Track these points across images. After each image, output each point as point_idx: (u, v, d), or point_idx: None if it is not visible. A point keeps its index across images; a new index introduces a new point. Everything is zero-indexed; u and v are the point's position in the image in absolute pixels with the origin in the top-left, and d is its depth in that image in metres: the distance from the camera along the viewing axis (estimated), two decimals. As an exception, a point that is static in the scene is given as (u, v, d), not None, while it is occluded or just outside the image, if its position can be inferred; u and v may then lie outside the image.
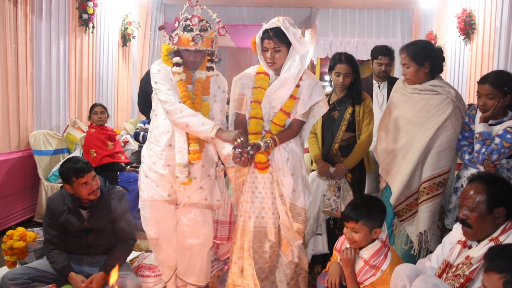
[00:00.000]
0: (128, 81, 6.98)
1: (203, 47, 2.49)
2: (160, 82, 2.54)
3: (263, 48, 2.62)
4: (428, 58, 2.76)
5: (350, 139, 3.16)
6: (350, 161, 3.09)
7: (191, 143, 2.54)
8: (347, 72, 3.09)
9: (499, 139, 2.51)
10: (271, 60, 2.60)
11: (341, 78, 3.10)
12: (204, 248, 2.77)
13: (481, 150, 2.56)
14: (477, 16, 5.59)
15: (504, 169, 2.57)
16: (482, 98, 2.59)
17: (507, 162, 2.56)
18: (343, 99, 3.18)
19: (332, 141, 3.17)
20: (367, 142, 3.14)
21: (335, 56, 3.17)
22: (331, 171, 3.08)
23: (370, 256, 2.35)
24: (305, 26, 8.57)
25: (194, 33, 2.46)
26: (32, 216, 4.45)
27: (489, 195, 1.96)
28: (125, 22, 6.48)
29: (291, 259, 2.73)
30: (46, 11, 4.57)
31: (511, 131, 2.49)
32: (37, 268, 2.76)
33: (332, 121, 3.18)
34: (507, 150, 2.49)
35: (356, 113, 3.13)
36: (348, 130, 3.15)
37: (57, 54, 4.82)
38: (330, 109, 3.09)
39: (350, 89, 3.16)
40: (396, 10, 8.35)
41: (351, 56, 3.15)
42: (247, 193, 2.72)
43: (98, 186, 2.80)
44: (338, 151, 3.15)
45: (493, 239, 1.97)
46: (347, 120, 3.14)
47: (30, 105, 4.40)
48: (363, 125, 3.14)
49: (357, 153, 3.11)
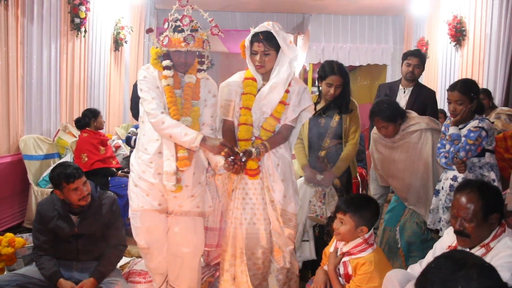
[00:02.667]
0: (120, 86, 6.95)
1: (194, 48, 2.45)
2: (145, 90, 2.49)
3: (252, 51, 2.62)
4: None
5: (336, 146, 3.14)
6: (338, 169, 3.08)
7: (179, 149, 2.49)
8: (339, 84, 3.04)
9: (465, 138, 2.72)
10: (260, 63, 2.60)
11: (332, 89, 3.05)
12: (195, 255, 2.73)
13: (450, 149, 2.76)
14: (467, 23, 5.64)
15: (476, 167, 2.75)
16: (452, 104, 2.82)
17: (478, 160, 2.75)
18: (329, 106, 3.15)
19: (319, 148, 3.14)
20: (354, 150, 3.14)
21: (327, 66, 3.09)
22: (319, 178, 3.06)
23: (348, 250, 2.40)
24: (298, 31, 8.62)
25: (186, 34, 2.42)
26: (22, 221, 4.41)
27: (484, 204, 1.97)
28: (118, 26, 6.46)
29: (283, 264, 2.72)
30: (38, 15, 4.55)
31: (474, 130, 2.70)
32: (25, 275, 2.71)
33: (319, 128, 3.15)
34: (473, 147, 2.69)
35: (343, 120, 3.11)
36: (334, 137, 3.13)
37: (49, 58, 4.79)
38: (316, 116, 3.09)
39: (338, 98, 3.10)
40: (388, 17, 8.42)
41: (342, 67, 3.10)
42: (237, 199, 2.70)
43: (89, 192, 2.77)
44: (325, 158, 3.13)
45: (485, 245, 1.98)
46: (334, 127, 3.11)
47: (21, 109, 4.37)
48: (350, 132, 3.12)
49: (345, 160, 3.10)
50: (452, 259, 1.38)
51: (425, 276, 1.39)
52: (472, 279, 1.30)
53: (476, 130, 2.69)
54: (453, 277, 1.32)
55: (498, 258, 1.88)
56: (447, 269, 1.34)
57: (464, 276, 1.31)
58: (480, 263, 1.35)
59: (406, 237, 3.13)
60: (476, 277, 1.30)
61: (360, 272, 2.33)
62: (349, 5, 7.75)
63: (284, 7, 8.15)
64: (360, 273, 2.33)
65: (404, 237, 3.12)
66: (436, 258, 1.45)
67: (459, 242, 2.06)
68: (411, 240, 3.10)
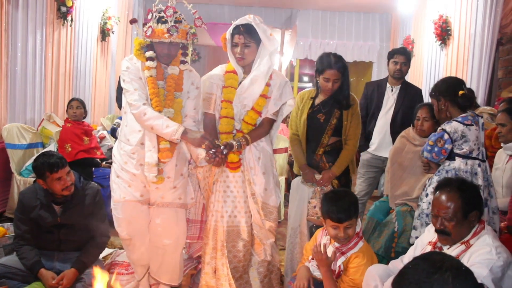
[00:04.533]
0: (106, 76, 6.89)
1: (178, 39, 2.44)
2: (127, 81, 2.50)
3: (233, 44, 2.64)
4: None
5: (336, 143, 3.02)
6: (338, 168, 2.97)
7: (161, 141, 2.50)
8: (337, 78, 2.88)
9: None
10: (240, 55, 2.62)
11: (330, 84, 2.89)
12: (177, 247, 2.75)
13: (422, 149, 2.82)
14: (453, 22, 5.71)
15: (443, 170, 2.69)
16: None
17: (448, 164, 2.68)
18: (328, 101, 3.00)
19: (317, 145, 3.02)
20: (355, 147, 3.03)
21: (325, 59, 2.92)
22: (317, 178, 2.97)
23: (342, 244, 2.40)
24: (286, 27, 8.61)
25: (169, 25, 2.41)
26: (3, 211, 4.36)
27: (463, 202, 2.01)
28: (105, 16, 6.39)
29: (263, 257, 2.75)
30: (23, 2, 4.47)
31: (438, 132, 2.69)
32: (5, 265, 2.69)
33: (318, 124, 3.01)
34: (436, 148, 2.66)
35: (343, 116, 2.98)
36: (334, 134, 3.00)
37: (34, 46, 4.72)
38: (314, 111, 3.03)
39: (337, 92, 2.96)
40: (376, 14, 8.47)
41: (341, 60, 2.92)
42: (218, 192, 2.72)
43: (72, 182, 2.76)
44: (323, 156, 3.02)
45: (464, 242, 2.03)
46: (333, 124, 2.98)
47: (4, 98, 4.31)
48: (351, 130, 2.99)
49: (345, 159, 2.99)
50: (429, 261, 1.38)
51: (402, 277, 1.40)
52: (447, 282, 1.31)
53: (439, 132, 2.67)
54: (429, 280, 1.33)
55: (478, 255, 1.93)
56: (423, 271, 1.35)
57: (439, 280, 1.31)
58: (457, 267, 1.36)
59: (403, 223, 3.11)
60: (451, 281, 1.31)
61: (353, 265, 2.35)
62: (337, 1, 7.78)
63: (272, 1, 8.16)
64: (353, 266, 2.35)
65: (401, 223, 3.11)
66: (414, 259, 1.46)
67: (441, 240, 2.10)
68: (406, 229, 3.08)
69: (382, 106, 3.96)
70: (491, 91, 5.38)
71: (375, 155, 3.97)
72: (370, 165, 4.00)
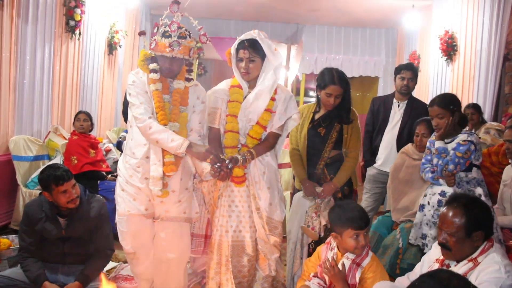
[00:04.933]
0: (112, 89, 6.93)
1: (179, 55, 2.45)
2: (133, 95, 2.51)
3: (238, 58, 2.67)
4: None
5: (336, 156, 3.02)
6: (339, 180, 2.97)
7: (166, 154, 2.50)
8: (339, 93, 2.91)
9: (453, 151, 2.72)
10: (245, 70, 2.64)
11: (332, 99, 2.91)
12: (182, 261, 2.73)
13: (438, 163, 2.74)
14: (459, 38, 5.72)
15: (463, 182, 2.74)
16: (434, 119, 2.85)
17: (465, 175, 2.74)
18: (329, 115, 3.02)
19: (318, 158, 3.01)
20: (356, 160, 3.04)
21: (326, 75, 2.95)
22: (318, 191, 2.96)
23: (356, 256, 2.36)
24: (291, 41, 8.66)
25: (172, 39, 2.43)
26: (8, 223, 4.36)
27: (467, 221, 1.98)
28: (112, 30, 6.46)
29: (268, 272, 2.73)
30: (33, 16, 4.53)
31: (463, 143, 2.70)
32: (9, 277, 2.70)
33: (318, 137, 3.02)
34: (462, 160, 2.68)
35: (344, 130, 3.00)
36: (335, 147, 3.01)
37: (42, 59, 4.77)
38: (315, 125, 3.04)
39: (338, 107, 2.97)
40: (381, 29, 8.51)
41: (343, 75, 2.97)
42: (223, 207, 2.71)
43: (78, 195, 2.76)
44: (325, 169, 3.02)
45: (472, 259, 2.00)
46: (334, 137, 2.99)
47: (12, 110, 4.34)
48: (351, 142, 3.01)
49: (346, 171, 2.99)
50: (436, 279, 1.36)
51: None
52: None
53: (465, 143, 2.69)
54: None
55: (486, 273, 1.90)
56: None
57: None
58: (464, 285, 1.34)
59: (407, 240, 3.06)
60: None
61: (370, 274, 2.32)
62: (343, 17, 7.83)
63: (278, 17, 8.21)
64: (369, 276, 2.32)
65: (405, 239, 3.07)
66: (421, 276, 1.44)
67: (443, 254, 2.08)
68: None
69: (389, 121, 3.95)
70: (498, 106, 5.37)
71: (381, 171, 3.94)
72: (376, 181, 3.98)
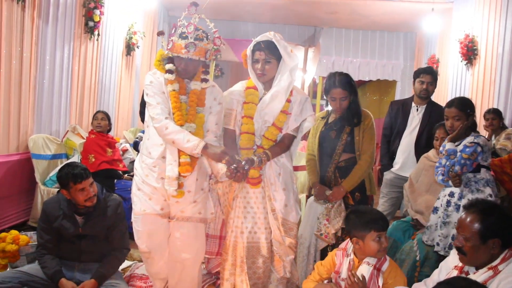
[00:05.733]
0: (130, 90, 7.00)
1: (195, 56, 2.46)
2: (150, 95, 2.52)
3: (254, 60, 2.67)
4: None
5: (349, 160, 2.99)
6: (348, 183, 2.93)
7: (182, 155, 2.50)
8: (343, 96, 2.92)
9: (460, 153, 2.76)
10: (261, 71, 2.64)
11: (337, 103, 2.94)
12: (196, 262, 2.73)
13: (446, 164, 2.80)
14: (479, 42, 5.64)
15: (472, 181, 2.77)
16: (449, 120, 2.90)
17: (474, 176, 2.77)
18: (340, 119, 3.03)
19: (330, 162, 3.00)
20: (367, 163, 2.97)
21: (328, 79, 2.98)
22: (328, 194, 2.95)
23: (376, 261, 2.33)
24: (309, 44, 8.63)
25: (188, 41, 2.43)
26: (27, 219, 4.42)
27: (482, 227, 1.95)
28: (130, 31, 6.52)
29: (283, 274, 2.71)
30: (53, 17, 4.60)
31: (469, 145, 2.75)
32: (28, 273, 2.73)
33: (329, 141, 3.01)
34: (468, 162, 2.71)
35: (355, 132, 2.97)
36: (346, 150, 2.98)
37: (61, 59, 4.84)
38: (327, 129, 3.05)
39: (347, 110, 2.98)
40: (400, 33, 8.44)
41: (345, 78, 2.94)
42: (238, 208, 2.71)
43: (95, 193, 2.79)
44: (336, 173, 2.99)
45: (492, 267, 1.95)
46: (344, 140, 2.97)
47: (31, 109, 4.41)
48: (364, 144, 2.96)
49: (356, 174, 2.94)
50: (454, 287, 1.34)
51: None
52: None
53: (471, 145, 2.72)
54: None
55: (508, 283, 1.85)
56: None
57: None
58: None
59: (425, 251, 3.02)
60: None
61: (391, 280, 2.30)
62: (361, 20, 7.79)
63: (296, 19, 8.20)
64: (391, 282, 2.30)
65: (423, 251, 3.03)
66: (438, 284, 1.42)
67: (459, 258, 2.05)
68: (429, 256, 3.01)
69: (407, 125, 3.90)
70: (519, 112, 5.27)
71: (398, 175, 3.90)
72: (393, 185, 3.94)
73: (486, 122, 4.63)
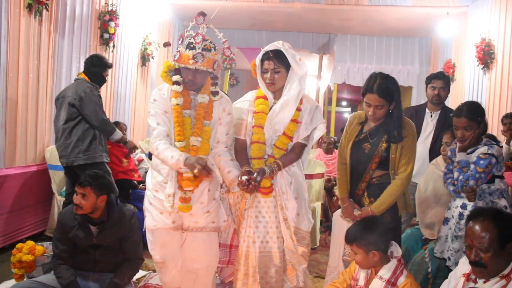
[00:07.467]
0: (145, 100, 7.06)
1: (203, 67, 2.43)
2: (152, 114, 2.52)
3: (263, 70, 2.66)
4: None
5: (382, 177, 2.67)
6: (378, 208, 2.59)
7: None
8: (379, 104, 2.55)
9: (474, 165, 2.61)
10: (270, 80, 2.63)
11: (371, 110, 2.59)
12: (209, 271, 2.73)
13: (459, 177, 2.65)
14: (496, 45, 5.56)
15: (486, 193, 2.65)
16: (459, 130, 2.70)
17: (488, 187, 2.65)
18: (377, 130, 2.68)
19: (360, 177, 2.70)
20: (403, 185, 2.60)
21: (367, 80, 2.62)
22: (356, 214, 2.66)
23: (391, 275, 2.30)
24: (323, 51, 8.64)
25: (196, 51, 2.41)
26: (44, 230, 4.49)
27: (500, 232, 1.89)
28: (145, 42, 6.60)
29: (296, 284, 2.69)
30: (69, 30, 4.69)
31: (483, 157, 2.59)
32: (43, 283, 2.75)
33: (363, 154, 2.68)
34: (483, 175, 2.58)
35: (391, 149, 2.61)
36: (380, 167, 2.65)
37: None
38: (361, 140, 2.72)
39: (387, 121, 2.63)
40: (415, 38, 8.38)
41: (386, 83, 2.55)
42: (250, 218, 2.70)
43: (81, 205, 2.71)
44: (366, 190, 2.69)
45: (504, 276, 1.90)
46: (379, 156, 2.63)
47: (48, 120, 4.48)
48: (401, 163, 2.61)
49: (388, 197, 2.59)
50: None
51: None
52: None
53: (486, 157, 2.58)
54: None
55: None
56: None
57: None
58: None
59: (437, 262, 2.97)
60: None
61: None
62: (375, 26, 7.75)
63: (310, 27, 8.20)
64: None
65: (435, 262, 2.98)
66: None
67: (476, 273, 1.97)
68: (441, 267, 2.94)
69: (421, 132, 3.85)
70: (537, 117, 5.16)
71: (413, 182, 3.82)
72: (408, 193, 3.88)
73: (504, 127, 4.54)
